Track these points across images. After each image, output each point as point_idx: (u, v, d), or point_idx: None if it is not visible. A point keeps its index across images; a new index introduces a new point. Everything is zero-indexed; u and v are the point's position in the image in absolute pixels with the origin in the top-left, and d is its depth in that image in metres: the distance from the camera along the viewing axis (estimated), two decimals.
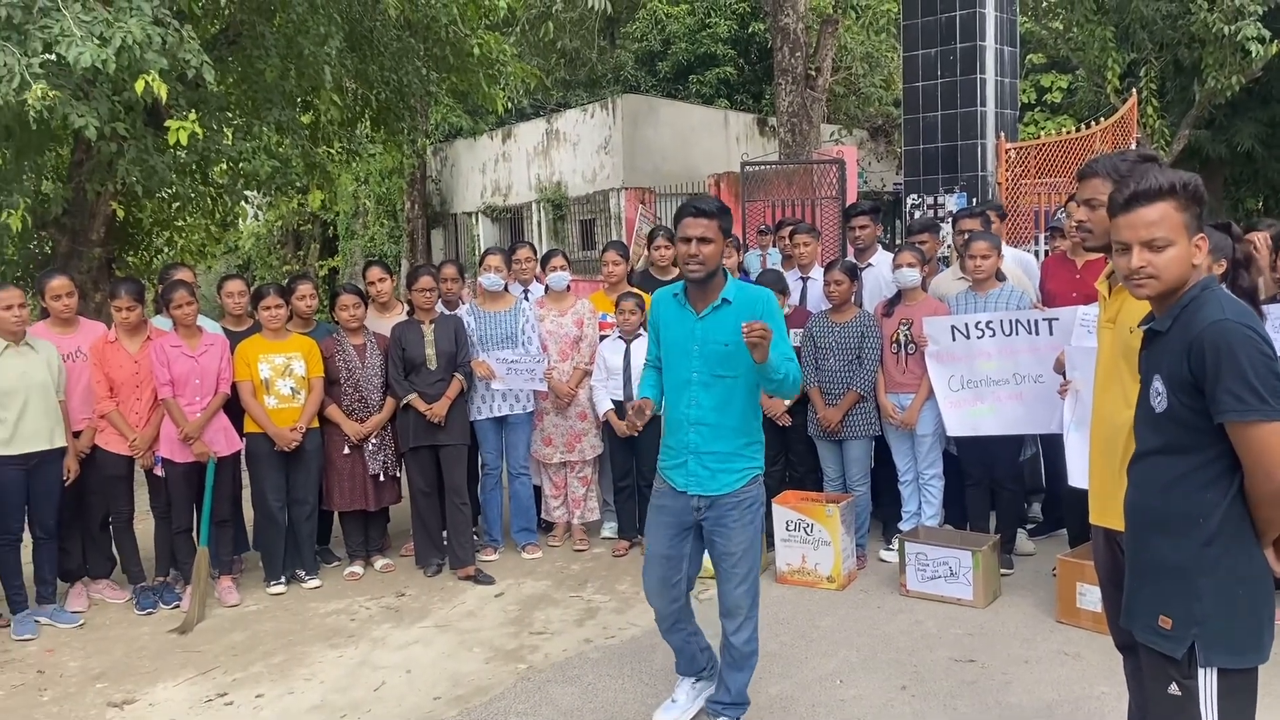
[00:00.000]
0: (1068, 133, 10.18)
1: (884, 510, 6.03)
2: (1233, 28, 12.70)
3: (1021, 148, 9.59)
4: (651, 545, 3.77)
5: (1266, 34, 12.70)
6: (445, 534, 5.91)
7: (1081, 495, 3.28)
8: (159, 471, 5.45)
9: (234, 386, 5.53)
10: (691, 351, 3.58)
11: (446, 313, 6.01)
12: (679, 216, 3.59)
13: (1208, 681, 2.36)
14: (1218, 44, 13.21)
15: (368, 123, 10.69)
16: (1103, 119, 10.39)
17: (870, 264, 6.18)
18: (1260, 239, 4.77)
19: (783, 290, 5.78)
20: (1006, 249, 6.09)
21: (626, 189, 15.75)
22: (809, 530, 5.32)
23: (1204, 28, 13.13)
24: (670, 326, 3.70)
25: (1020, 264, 5.95)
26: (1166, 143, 14.73)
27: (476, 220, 19.66)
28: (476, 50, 9.17)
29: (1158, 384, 2.41)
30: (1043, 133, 15.03)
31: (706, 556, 5.48)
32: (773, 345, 3.41)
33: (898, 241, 10.71)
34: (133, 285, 5.56)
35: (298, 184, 10.38)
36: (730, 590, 3.69)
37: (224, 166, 9.06)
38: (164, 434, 5.40)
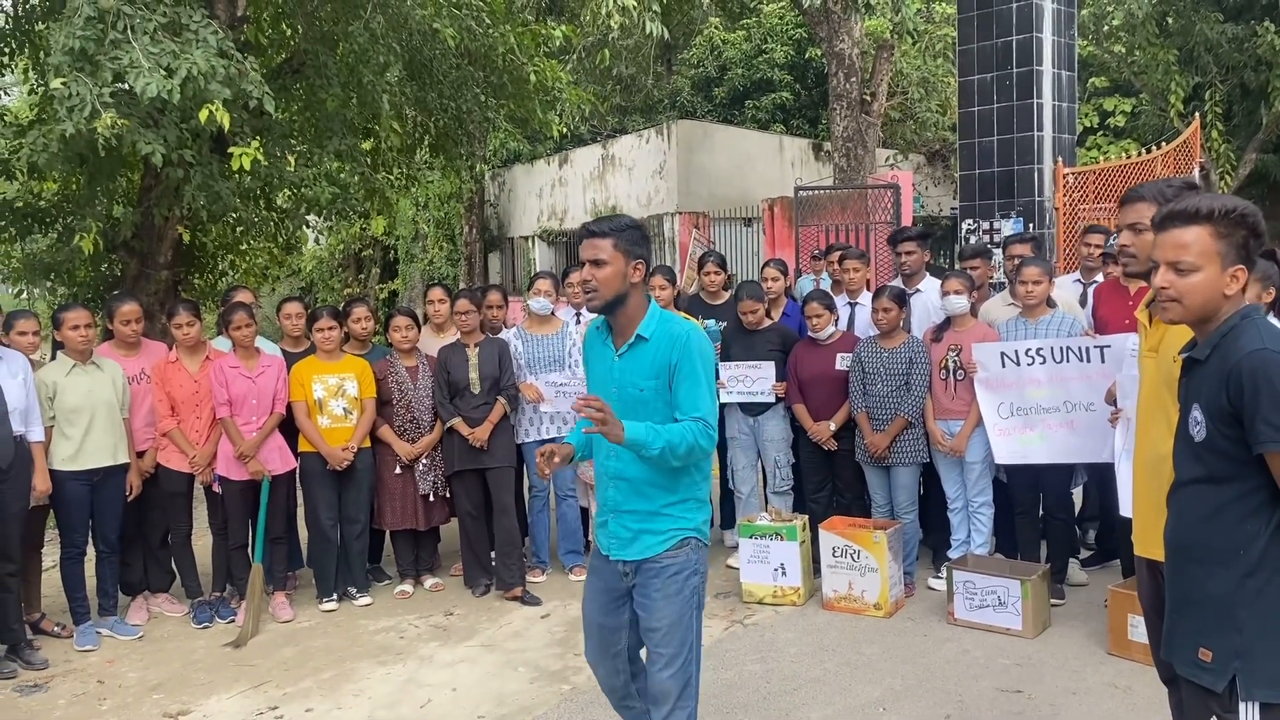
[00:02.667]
0: (1129, 157, 10.03)
1: (933, 538, 5.97)
2: None
3: (1079, 173, 9.49)
4: (586, 610, 3.34)
5: None
6: (493, 555, 5.97)
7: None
8: (217, 489, 5.60)
9: (289, 407, 5.67)
10: (610, 394, 3.05)
11: (492, 336, 6.10)
12: (579, 240, 3.11)
13: (1250, 715, 2.31)
14: None
15: (427, 149, 10.90)
16: (1166, 143, 10.23)
17: (919, 289, 6.15)
18: None
19: (829, 307, 5.78)
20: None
21: (681, 213, 15.82)
22: (856, 556, 5.29)
23: (1271, 50, 12.92)
24: (592, 364, 3.24)
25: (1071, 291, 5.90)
26: (1232, 167, 14.47)
27: (533, 244, 19.87)
28: (533, 78, 9.32)
29: (1196, 413, 2.38)
30: (1103, 157, 14.83)
31: (749, 581, 5.53)
32: (682, 401, 3.01)
33: (956, 266, 10.64)
34: (189, 304, 5.79)
35: (358, 209, 10.59)
36: (654, 673, 3.13)
37: (287, 192, 9.29)
38: (221, 452, 5.55)
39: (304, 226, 10.59)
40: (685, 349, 3.02)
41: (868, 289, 6.30)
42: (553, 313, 6.15)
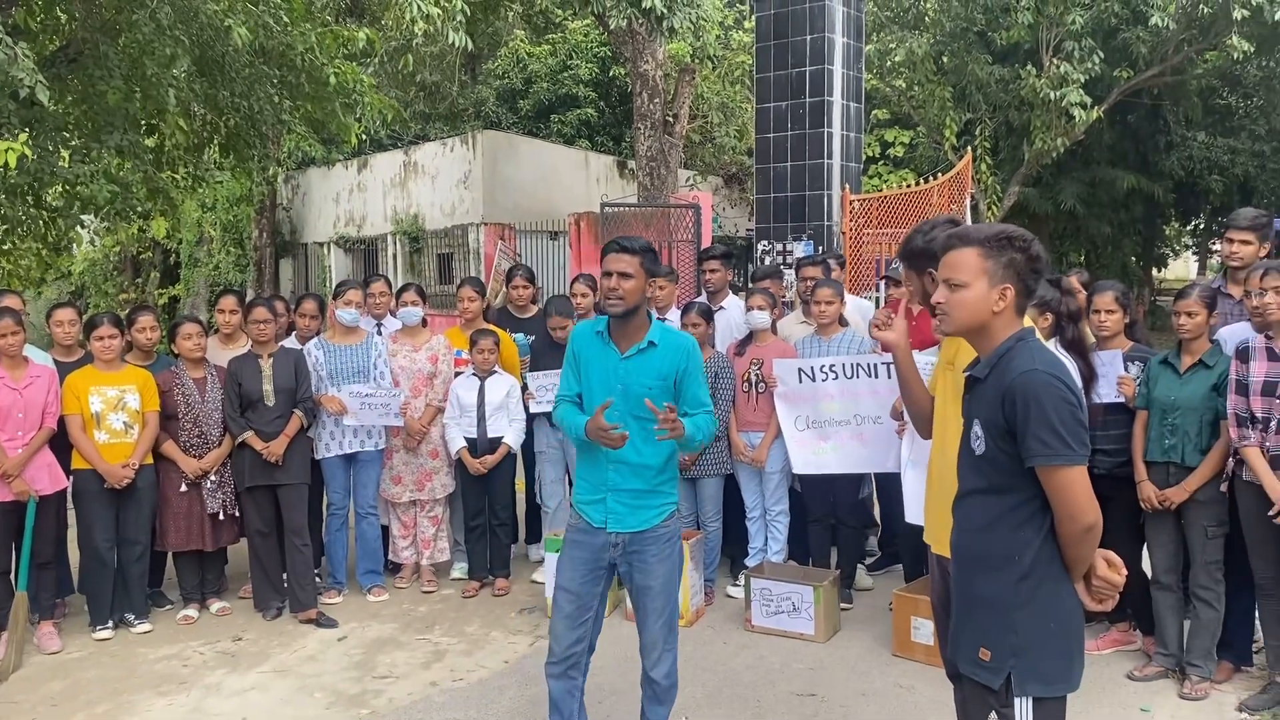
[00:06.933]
0: (907, 186, 10.71)
1: (732, 546, 6.15)
2: (1058, 93, 13.68)
3: (864, 199, 10.03)
4: (562, 581, 3.64)
5: (1088, 100, 13.74)
6: (285, 576, 5.72)
7: (917, 531, 3.44)
8: None
9: (61, 420, 5.25)
10: (615, 391, 3.52)
11: (286, 347, 5.86)
12: (604, 252, 3.60)
13: (1024, 710, 2.50)
14: (1044, 108, 14.20)
15: (216, 148, 10.36)
16: (941, 174, 10.97)
17: (722, 307, 6.34)
18: (1070, 282, 5.13)
19: None
20: (847, 296, 6.36)
21: (486, 224, 15.70)
22: None
23: (1032, 92, 14.10)
24: (592, 363, 3.63)
25: (859, 311, 6.22)
26: (999, 198, 15.66)
27: (328, 250, 19.23)
28: (333, 80, 9.03)
29: (977, 428, 2.56)
30: (884, 185, 15.76)
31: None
32: (692, 398, 3.57)
33: (750, 285, 11.01)
34: None
35: (139, 209, 9.92)
36: (652, 625, 3.63)
37: (59, 189, 8.62)
38: None
39: (79, 226, 9.82)
40: (690, 357, 3.61)
41: (674, 305, 6.45)
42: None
